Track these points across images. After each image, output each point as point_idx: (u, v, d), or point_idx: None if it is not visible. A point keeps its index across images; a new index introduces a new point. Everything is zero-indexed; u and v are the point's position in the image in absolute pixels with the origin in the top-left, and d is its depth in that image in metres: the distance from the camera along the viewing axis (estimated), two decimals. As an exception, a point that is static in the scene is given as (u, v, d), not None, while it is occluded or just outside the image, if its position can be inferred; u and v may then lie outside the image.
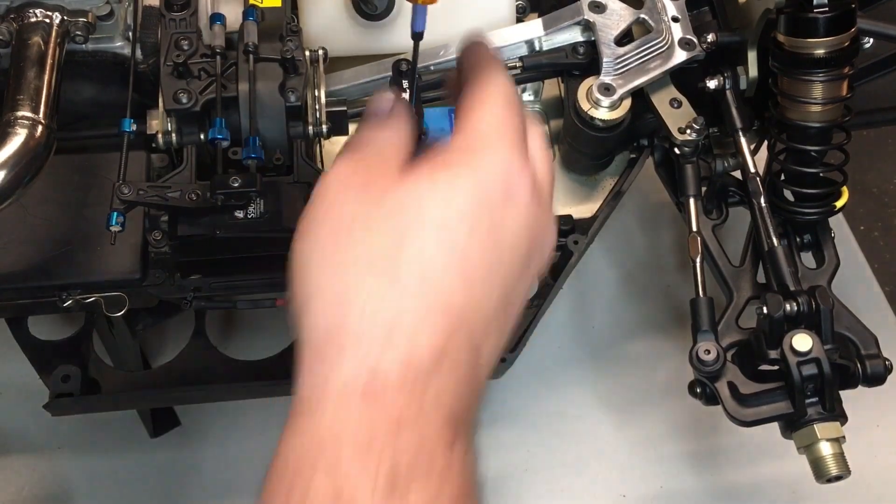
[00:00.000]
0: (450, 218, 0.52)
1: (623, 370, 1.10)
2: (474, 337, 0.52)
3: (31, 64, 0.72)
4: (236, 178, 0.74)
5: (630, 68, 0.87)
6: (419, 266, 0.50)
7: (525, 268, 0.55)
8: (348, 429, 0.48)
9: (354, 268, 0.51)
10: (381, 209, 0.52)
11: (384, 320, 0.49)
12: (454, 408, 0.50)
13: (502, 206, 0.53)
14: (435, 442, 0.48)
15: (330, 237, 0.52)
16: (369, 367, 0.48)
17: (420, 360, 0.49)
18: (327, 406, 0.49)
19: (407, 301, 0.50)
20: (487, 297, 0.53)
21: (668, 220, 1.20)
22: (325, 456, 0.47)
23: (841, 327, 0.84)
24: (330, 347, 0.50)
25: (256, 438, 1.05)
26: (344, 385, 0.49)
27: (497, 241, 0.53)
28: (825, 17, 0.80)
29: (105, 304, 0.80)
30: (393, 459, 0.47)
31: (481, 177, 0.53)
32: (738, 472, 1.04)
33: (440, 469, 0.48)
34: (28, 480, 1.02)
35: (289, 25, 0.81)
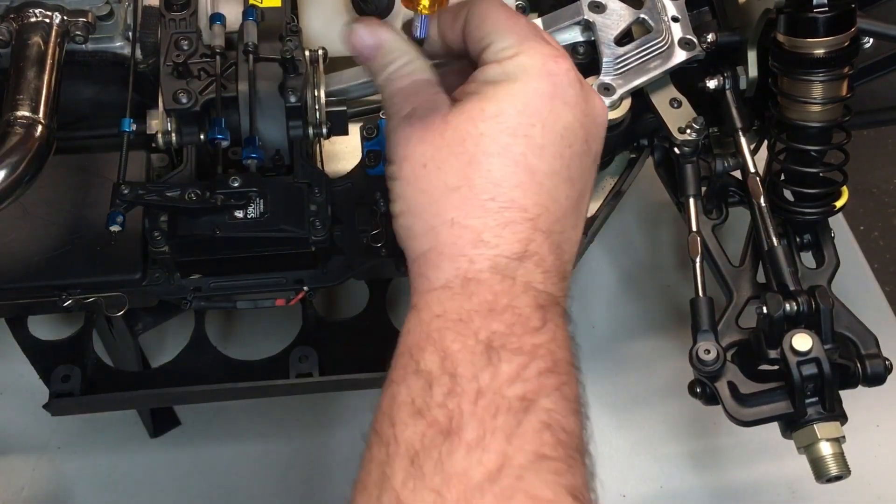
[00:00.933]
0: (505, 135, 0.59)
1: (623, 370, 1.10)
2: (553, 234, 0.59)
3: (30, 64, 0.72)
4: (236, 178, 0.74)
5: (630, 68, 0.87)
6: (490, 183, 0.58)
7: (585, 153, 0.62)
8: (450, 313, 0.56)
9: (437, 192, 0.59)
10: (444, 145, 0.59)
11: (471, 227, 0.58)
12: (542, 295, 0.57)
13: (551, 104, 0.60)
14: (525, 323, 0.55)
15: (412, 176, 0.60)
16: (464, 264, 0.57)
17: (507, 255, 0.57)
18: (433, 300, 0.58)
19: (487, 212, 0.58)
20: (557, 193, 0.60)
21: (668, 220, 1.20)
22: (431, 338, 0.55)
23: (841, 327, 0.84)
24: (432, 257, 0.59)
25: (256, 439, 1.05)
26: (446, 282, 0.58)
27: (554, 139, 0.59)
28: (825, 17, 0.80)
29: (105, 304, 0.80)
30: (488, 335, 0.54)
31: (522, 86, 0.59)
32: (738, 472, 1.04)
33: (529, 346, 0.55)
34: (28, 480, 1.02)
35: (289, 25, 0.82)
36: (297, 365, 0.92)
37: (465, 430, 0.51)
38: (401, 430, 0.53)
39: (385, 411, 0.54)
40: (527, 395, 0.53)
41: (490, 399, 0.52)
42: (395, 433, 0.53)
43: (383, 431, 0.53)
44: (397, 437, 0.52)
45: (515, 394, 0.53)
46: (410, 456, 0.51)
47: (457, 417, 0.52)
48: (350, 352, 0.95)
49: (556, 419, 0.53)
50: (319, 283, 0.84)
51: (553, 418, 0.53)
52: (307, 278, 0.83)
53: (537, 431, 0.52)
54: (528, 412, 0.52)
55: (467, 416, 0.52)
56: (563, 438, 0.53)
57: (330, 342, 0.95)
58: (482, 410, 0.52)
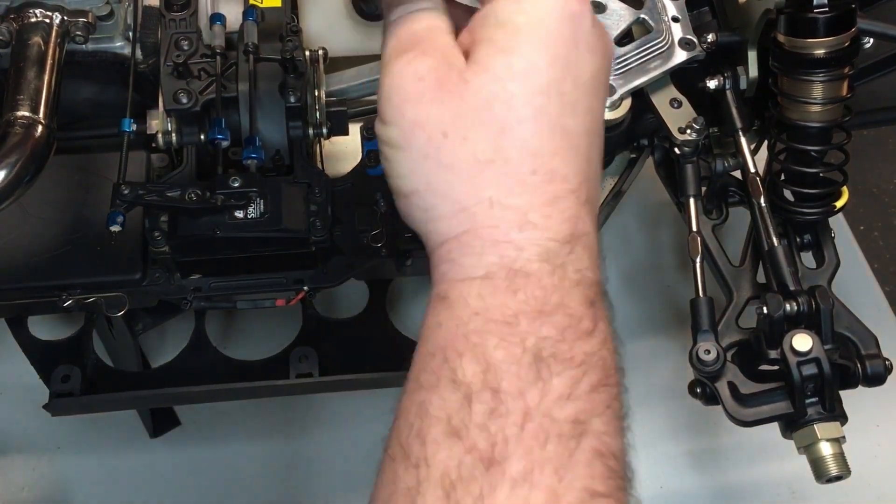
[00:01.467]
0: (538, 94, 0.50)
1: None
2: (592, 201, 0.52)
3: (31, 64, 0.72)
4: (236, 178, 0.74)
5: (630, 68, 0.87)
6: (528, 153, 0.50)
7: (606, 97, 0.56)
8: (492, 311, 0.48)
9: (466, 167, 0.50)
10: (468, 111, 0.51)
11: (515, 207, 0.50)
12: (593, 286, 0.51)
13: (576, 52, 0.52)
14: (577, 326, 0.49)
15: (429, 146, 0.51)
16: (510, 252, 0.49)
17: (557, 239, 0.50)
18: (470, 292, 0.49)
19: (529, 188, 0.50)
20: (590, 152, 0.53)
21: (668, 220, 1.20)
22: (470, 341, 0.48)
23: (841, 327, 0.84)
24: (468, 240, 0.50)
25: (256, 438, 1.05)
26: (487, 272, 0.49)
27: (584, 91, 0.52)
28: (825, 17, 0.80)
29: (105, 304, 0.80)
30: (536, 342, 0.47)
31: (547, 33, 0.51)
32: (738, 472, 1.04)
33: (581, 355, 0.48)
34: (28, 480, 1.02)
35: (289, 25, 0.82)
36: (297, 365, 0.92)
37: (510, 462, 0.45)
38: (433, 450, 0.46)
39: (412, 423, 0.48)
40: (579, 418, 0.47)
41: (539, 423, 0.46)
42: (426, 454, 0.46)
43: (411, 448, 0.47)
44: (429, 459, 0.46)
45: (567, 416, 0.47)
46: (446, 487, 0.45)
47: (500, 444, 0.45)
48: (350, 352, 0.95)
49: (606, 444, 0.47)
50: (319, 283, 0.84)
51: (604, 443, 0.47)
52: (307, 278, 0.83)
53: (588, 462, 0.46)
54: (580, 439, 0.47)
55: (513, 443, 0.45)
56: (614, 467, 0.47)
57: (330, 342, 0.95)
58: (530, 437, 0.46)
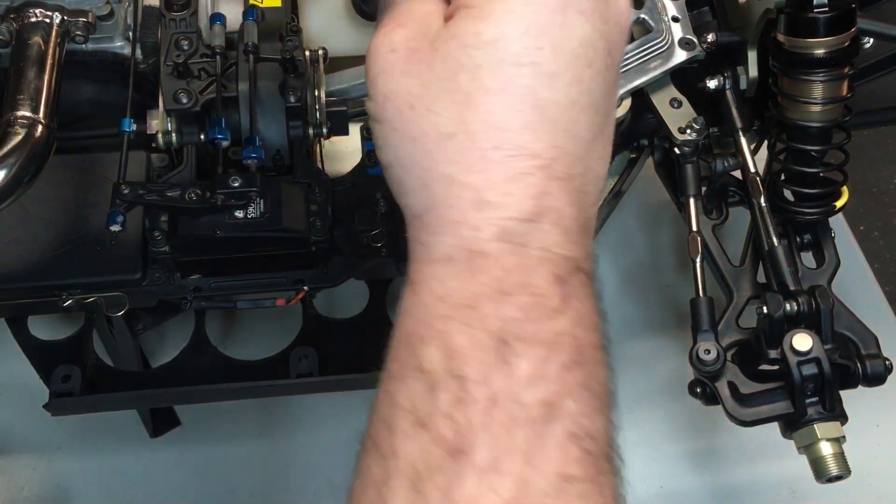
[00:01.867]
0: (507, 66, 0.48)
1: (623, 370, 1.09)
2: (573, 178, 0.49)
3: (31, 64, 0.72)
4: (236, 178, 0.74)
5: (630, 68, 0.87)
6: (491, 127, 0.48)
7: (609, 67, 0.50)
8: (454, 296, 0.47)
9: (429, 140, 0.49)
10: (434, 81, 0.49)
11: (472, 185, 0.48)
12: (562, 262, 0.48)
13: (562, 18, 0.48)
14: (543, 304, 0.46)
15: (397, 118, 0.50)
16: (467, 232, 0.48)
17: (518, 216, 0.47)
18: (432, 276, 0.48)
19: (490, 164, 0.48)
20: (576, 126, 0.49)
21: (668, 220, 1.20)
22: (434, 328, 0.47)
23: (841, 327, 0.84)
24: (429, 220, 0.49)
25: (256, 438, 1.05)
26: (446, 254, 0.48)
27: (569, 61, 0.48)
28: (825, 17, 0.80)
29: (105, 304, 0.80)
30: (500, 325, 0.46)
31: (525, 1, 0.48)
32: (738, 472, 1.04)
33: (549, 334, 0.46)
34: (28, 480, 1.02)
35: (289, 25, 0.82)
36: (297, 365, 0.92)
37: (475, 450, 0.43)
38: (400, 441, 0.45)
39: (382, 414, 0.47)
40: (548, 399, 0.45)
41: (505, 408, 0.44)
42: (393, 445, 0.45)
43: (380, 440, 0.46)
44: (396, 450, 0.45)
45: (535, 399, 0.45)
46: (411, 478, 0.44)
47: (466, 433, 0.44)
48: (350, 352, 0.95)
49: (581, 425, 0.46)
50: (319, 283, 0.84)
51: (579, 424, 0.45)
52: (307, 278, 0.83)
53: (561, 445, 0.44)
54: (550, 422, 0.45)
55: (479, 431, 0.44)
56: (591, 448, 0.46)
57: (330, 342, 0.95)
58: (496, 423, 0.44)
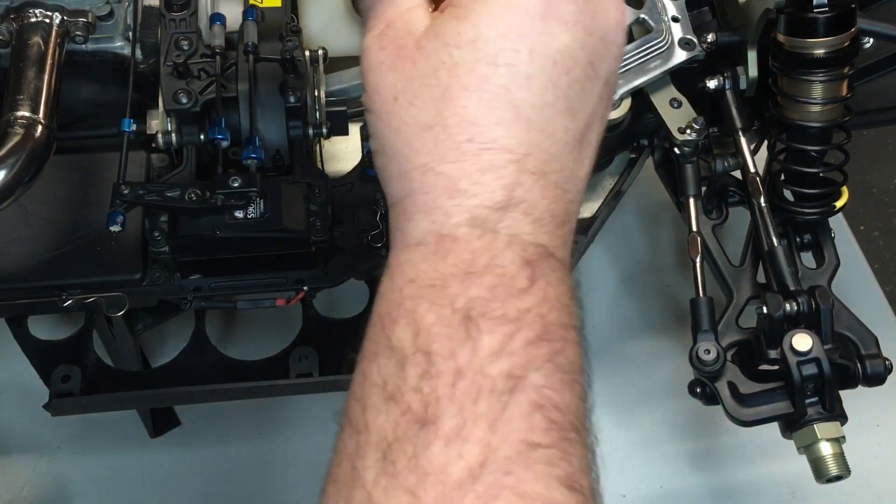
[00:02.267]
0: (483, 65, 0.50)
1: (623, 370, 1.10)
2: (548, 174, 0.51)
3: (31, 64, 0.72)
4: (236, 178, 0.74)
5: (630, 68, 0.87)
6: (466, 121, 0.50)
7: (590, 78, 0.53)
8: (424, 277, 0.49)
9: (410, 131, 0.51)
10: (416, 76, 0.51)
11: (446, 174, 0.50)
12: (532, 248, 0.50)
13: (542, 25, 0.51)
14: (509, 284, 0.48)
15: (384, 110, 0.53)
16: (439, 217, 0.50)
17: (488, 204, 0.50)
18: (405, 259, 0.51)
19: (463, 155, 0.50)
20: (551, 127, 0.51)
21: (668, 220, 1.20)
22: (404, 307, 0.49)
23: (841, 327, 0.84)
24: (407, 207, 0.52)
25: (256, 439, 1.05)
26: (419, 238, 0.51)
27: (544, 66, 0.51)
28: (825, 17, 0.80)
29: (105, 304, 0.80)
30: (466, 303, 0.48)
31: (508, 3, 0.51)
32: (738, 472, 1.04)
33: (515, 311, 0.48)
34: (28, 480, 1.02)
35: (289, 25, 0.82)
36: (297, 365, 0.92)
37: (442, 419, 0.45)
38: (372, 416, 0.47)
39: (356, 392, 0.49)
40: (513, 372, 0.47)
41: (470, 380, 0.46)
42: (366, 420, 0.48)
43: (354, 416, 0.49)
44: (368, 424, 0.47)
45: (500, 371, 0.46)
46: (382, 449, 0.46)
47: (433, 404, 0.46)
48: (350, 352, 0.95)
49: (547, 396, 0.47)
50: (319, 283, 0.84)
51: (544, 396, 0.47)
52: (307, 278, 0.83)
53: (526, 415, 0.46)
54: (514, 392, 0.46)
55: (444, 401, 0.46)
56: (557, 418, 0.47)
57: (330, 342, 0.94)
58: (461, 394, 0.46)
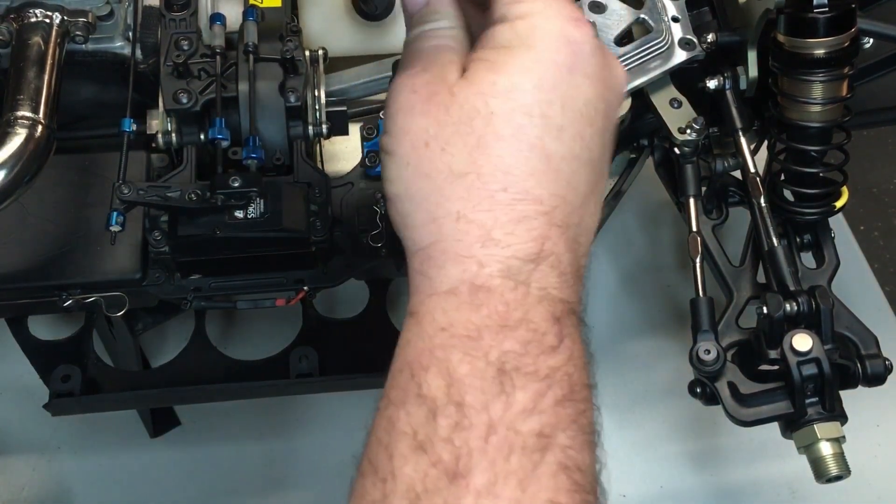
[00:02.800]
0: (519, 115, 0.51)
1: (623, 370, 1.10)
2: (570, 227, 0.52)
3: (31, 64, 0.72)
4: (236, 178, 0.74)
5: (630, 68, 0.87)
6: (500, 170, 0.51)
7: (606, 129, 0.55)
8: (457, 326, 0.49)
9: (441, 177, 0.52)
10: (450, 123, 0.52)
11: (479, 223, 0.51)
12: (559, 304, 0.51)
13: (570, 77, 0.52)
14: (541, 340, 0.49)
15: (412, 154, 0.53)
16: (472, 267, 0.50)
17: (521, 256, 0.50)
18: (436, 307, 0.50)
19: (496, 204, 0.51)
20: (576, 178, 0.53)
21: (668, 220, 1.20)
22: (435, 356, 0.49)
23: (841, 327, 0.84)
24: (435, 254, 0.52)
25: (256, 439, 1.05)
26: (451, 287, 0.50)
27: (574, 118, 0.52)
28: (825, 17, 0.80)
29: (105, 304, 0.80)
30: (500, 356, 0.48)
31: (539, 56, 0.52)
32: (738, 472, 1.04)
33: (546, 369, 0.48)
34: (28, 480, 1.02)
35: (289, 25, 0.82)
36: (297, 365, 0.92)
37: (473, 474, 0.45)
38: (399, 464, 0.47)
39: (381, 439, 0.49)
40: (543, 431, 0.47)
41: (503, 436, 0.46)
42: (392, 468, 0.47)
43: (379, 463, 0.48)
44: (395, 473, 0.47)
45: (531, 429, 0.47)
46: (411, 499, 0.46)
47: (464, 457, 0.46)
48: (350, 352, 0.95)
49: (572, 458, 0.48)
50: (319, 283, 0.84)
51: (569, 457, 0.48)
52: (307, 278, 0.83)
53: (553, 475, 0.47)
54: (545, 452, 0.47)
55: (476, 455, 0.46)
56: (579, 480, 0.48)
57: (330, 342, 0.95)
58: (494, 450, 0.46)
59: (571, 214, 0.53)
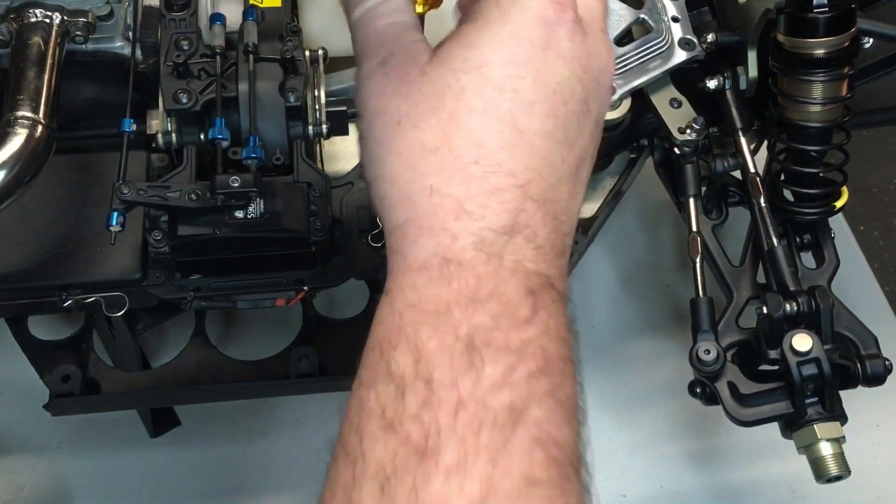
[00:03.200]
0: (489, 89, 0.51)
1: (623, 370, 1.10)
2: (548, 202, 0.51)
3: (31, 64, 0.72)
4: (236, 178, 0.74)
5: (630, 68, 0.87)
6: (473, 143, 0.50)
7: (584, 113, 0.54)
8: (426, 302, 0.49)
9: (414, 153, 0.51)
10: (421, 100, 0.52)
11: (452, 196, 0.50)
12: (534, 276, 0.50)
13: (543, 55, 0.52)
14: (513, 313, 0.48)
15: (385, 134, 0.52)
16: (445, 240, 0.50)
17: (494, 228, 0.50)
18: (407, 284, 0.50)
19: (469, 177, 0.50)
20: (551, 156, 0.52)
21: (668, 220, 1.20)
22: (404, 332, 0.48)
23: (841, 327, 0.84)
24: (410, 230, 0.51)
25: (256, 439, 1.05)
26: (423, 262, 0.50)
27: (546, 95, 0.52)
28: (825, 17, 0.80)
29: (105, 304, 0.80)
30: (469, 331, 0.47)
31: (512, 31, 0.52)
32: (738, 472, 1.04)
33: (517, 342, 0.47)
34: (28, 480, 1.02)
35: (289, 25, 0.82)
36: (297, 365, 0.92)
37: (443, 451, 0.45)
38: (369, 445, 0.46)
39: (352, 420, 0.48)
40: (515, 405, 0.46)
41: (472, 411, 0.45)
42: (362, 449, 0.46)
43: (350, 445, 0.48)
44: (365, 454, 0.46)
45: (502, 404, 0.46)
46: (381, 480, 0.45)
47: (433, 435, 0.45)
48: (350, 352, 0.95)
49: (547, 432, 0.46)
50: (319, 283, 0.84)
51: (544, 431, 0.46)
52: (307, 278, 0.83)
53: (527, 450, 0.45)
54: (516, 426, 0.46)
55: (446, 432, 0.45)
56: (556, 455, 0.46)
57: (330, 342, 0.94)
58: (463, 426, 0.45)
59: (549, 190, 0.52)
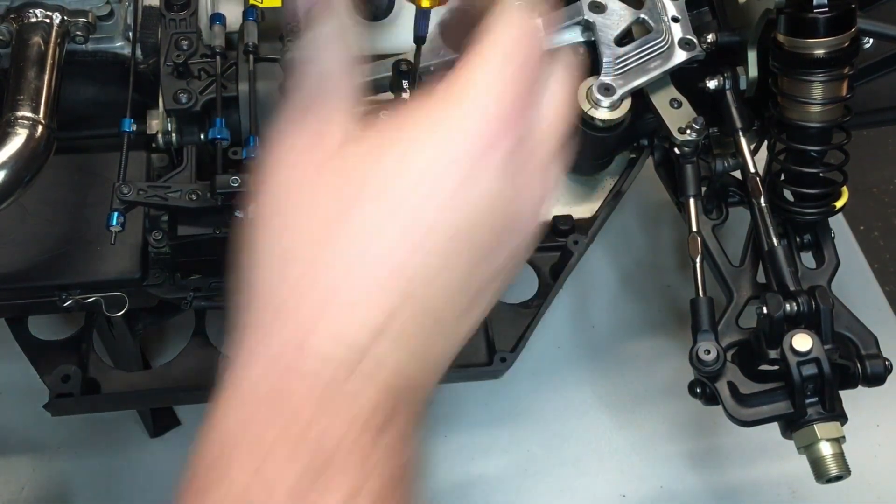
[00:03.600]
0: (403, 183, 0.46)
1: (623, 370, 1.10)
2: (434, 309, 0.47)
3: (31, 64, 0.72)
4: (236, 178, 0.74)
5: (630, 68, 0.87)
6: (364, 235, 0.46)
7: (495, 247, 0.49)
8: (267, 414, 0.44)
9: (293, 235, 0.47)
10: (325, 174, 0.47)
11: (320, 291, 0.45)
12: (395, 384, 0.45)
13: (470, 170, 0.46)
14: (361, 427, 0.44)
15: (271, 203, 0.48)
16: (297, 343, 0.45)
17: (355, 333, 0.45)
18: (258, 375, 0.45)
19: (346, 272, 0.45)
20: (448, 268, 0.47)
21: (668, 220, 1.20)
22: (239, 450, 0.44)
23: (841, 327, 0.84)
24: (263, 318, 0.46)
25: (256, 438, 1.05)
26: (277, 353, 0.45)
27: (460, 208, 0.47)
28: (825, 17, 0.80)
29: (105, 304, 0.80)
30: (312, 452, 0.43)
31: (446, 135, 0.47)
32: (738, 472, 1.04)
33: (362, 461, 0.43)
34: (28, 480, 1.02)
35: (289, 25, 0.82)
36: (297, 365, 0.92)
37: None
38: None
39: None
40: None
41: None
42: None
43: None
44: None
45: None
46: None
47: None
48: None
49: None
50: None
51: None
52: (307, 278, 0.83)
53: None
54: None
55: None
56: None
57: (330, 342, 0.94)
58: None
59: (438, 297, 0.47)
